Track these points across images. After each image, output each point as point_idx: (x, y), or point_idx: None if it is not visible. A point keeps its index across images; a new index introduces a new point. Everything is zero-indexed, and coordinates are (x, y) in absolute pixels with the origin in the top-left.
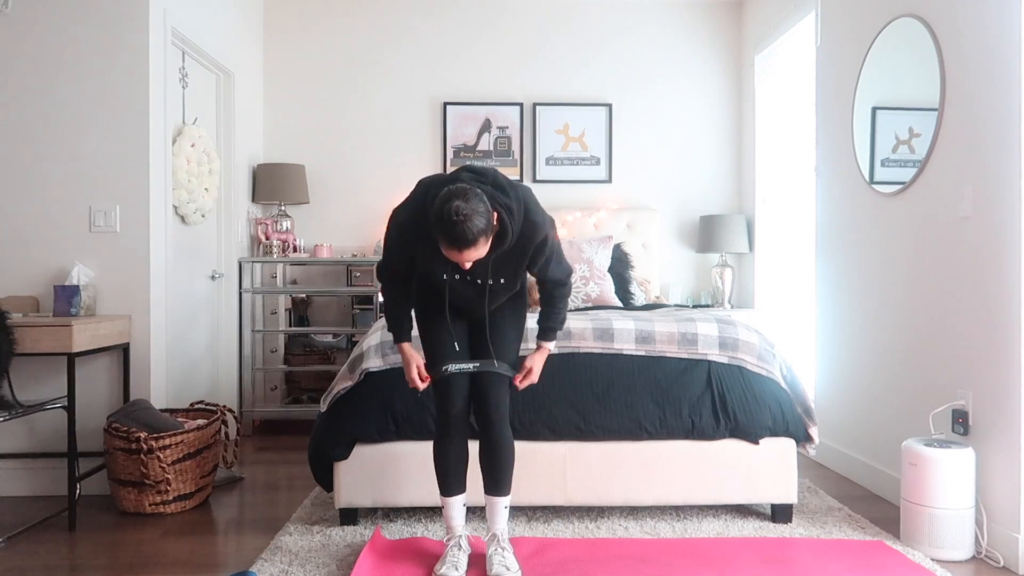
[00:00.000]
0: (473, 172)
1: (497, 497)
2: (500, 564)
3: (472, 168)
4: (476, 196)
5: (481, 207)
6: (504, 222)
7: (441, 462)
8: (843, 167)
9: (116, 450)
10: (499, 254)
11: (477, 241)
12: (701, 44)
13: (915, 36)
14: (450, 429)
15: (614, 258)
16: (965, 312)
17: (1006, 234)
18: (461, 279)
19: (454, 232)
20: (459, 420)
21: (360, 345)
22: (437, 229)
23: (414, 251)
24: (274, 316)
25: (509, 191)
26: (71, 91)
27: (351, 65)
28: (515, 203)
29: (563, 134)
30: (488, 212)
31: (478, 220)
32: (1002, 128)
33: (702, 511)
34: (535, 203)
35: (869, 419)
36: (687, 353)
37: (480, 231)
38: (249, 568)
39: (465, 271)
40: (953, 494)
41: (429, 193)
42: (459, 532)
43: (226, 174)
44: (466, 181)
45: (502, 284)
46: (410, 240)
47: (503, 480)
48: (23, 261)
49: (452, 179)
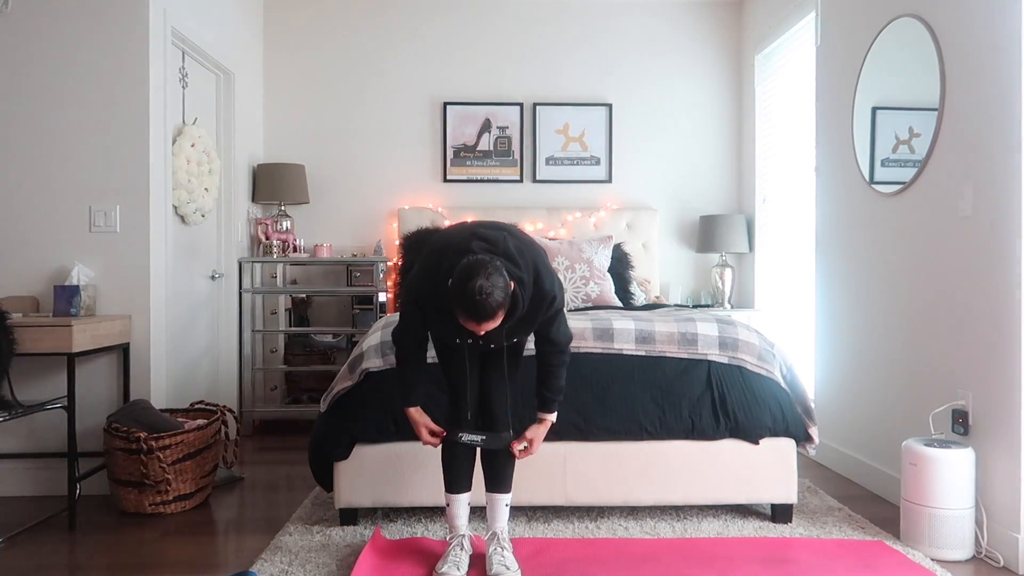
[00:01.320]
0: (485, 241)
1: (498, 495)
2: (500, 563)
3: (484, 236)
4: (496, 270)
5: (501, 282)
6: (516, 294)
7: (449, 459)
8: (843, 167)
9: (116, 450)
10: (510, 324)
11: (496, 314)
12: (701, 44)
13: (915, 36)
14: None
15: (614, 258)
16: (965, 312)
17: (1006, 234)
18: (473, 344)
19: (475, 310)
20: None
21: (360, 345)
22: (458, 304)
23: (431, 322)
24: (274, 316)
25: (519, 261)
26: (71, 91)
27: (351, 65)
28: (526, 273)
29: (563, 134)
30: (507, 286)
31: (498, 295)
32: (1002, 128)
33: (702, 511)
34: (545, 266)
35: (869, 419)
36: (687, 353)
37: (499, 305)
38: (249, 568)
39: (477, 339)
40: (953, 494)
41: (442, 265)
42: (462, 532)
43: (226, 174)
44: (479, 251)
45: (515, 343)
46: (428, 314)
47: (504, 478)
48: (23, 261)
49: (464, 248)
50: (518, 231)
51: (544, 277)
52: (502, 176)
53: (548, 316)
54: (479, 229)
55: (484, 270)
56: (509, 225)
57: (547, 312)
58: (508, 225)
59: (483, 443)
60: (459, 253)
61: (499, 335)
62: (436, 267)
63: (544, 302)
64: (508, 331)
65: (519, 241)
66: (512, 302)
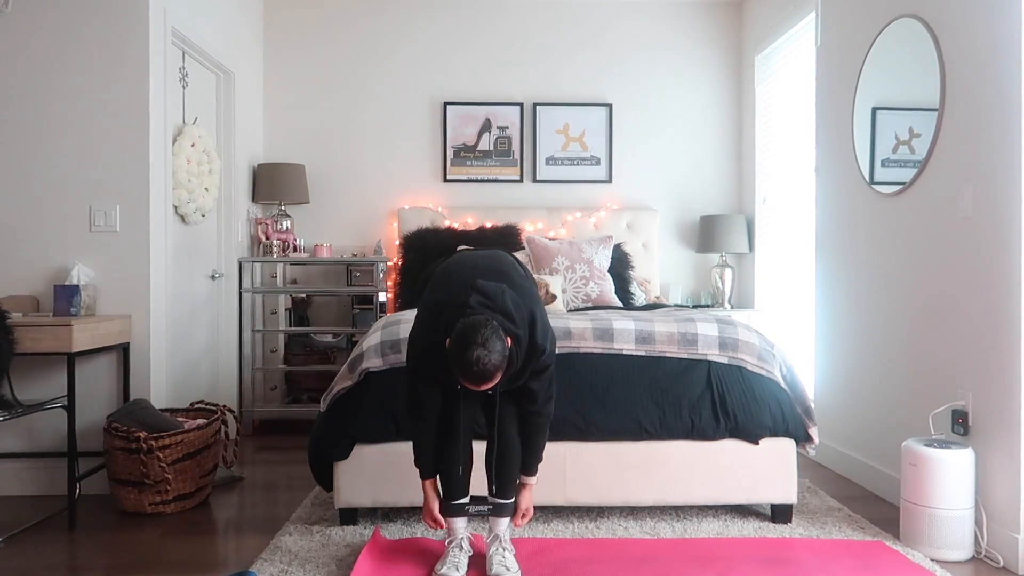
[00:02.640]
0: (484, 296)
1: (502, 501)
2: (500, 564)
3: (483, 291)
4: (493, 332)
5: (499, 345)
6: (512, 353)
7: (447, 465)
8: (843, 167)
9: (116, 450)
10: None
11: (494, 377)
12: (701, 44)
13: (915, 36)
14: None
15: (614, 258)
16: (965, 312)
17: (1006, 234)
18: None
19: (474, 377)
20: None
21: (360, 345)
22: (457, 368)
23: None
24: (274, 316)
25: (516, 317)
26: (71, 91)
27: (351, 65)
28: (521, 329)
29: (563, 134)
30: (504, 348)
31: (495, 359)
32: (1002, 128)
33: (702, 511)
34: (541, 317)
35: (869, 419)
36: (687, 353)
37: (497, 368)
38: (249, 568)
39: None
40: (953, 494)
41: (441, 320)
42: (460, 534)
43: (226, 174)
44: (476, 307)
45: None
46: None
47: (510, 481)
48: (23, 261)
49: (463, 303)
50: (518, 275)
51: (538, 330)
52: (502, 176)
53: (536, 368)
54: (478, 282)
55: (481, 335)
56: (509, 267)
57: (535, 363)
58: (508, 267)
59: (489, 512)
60: (458, 309)
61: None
62: (435, 321)
63: (535, 354)
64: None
65: (517, 292)
66: (508, 360)
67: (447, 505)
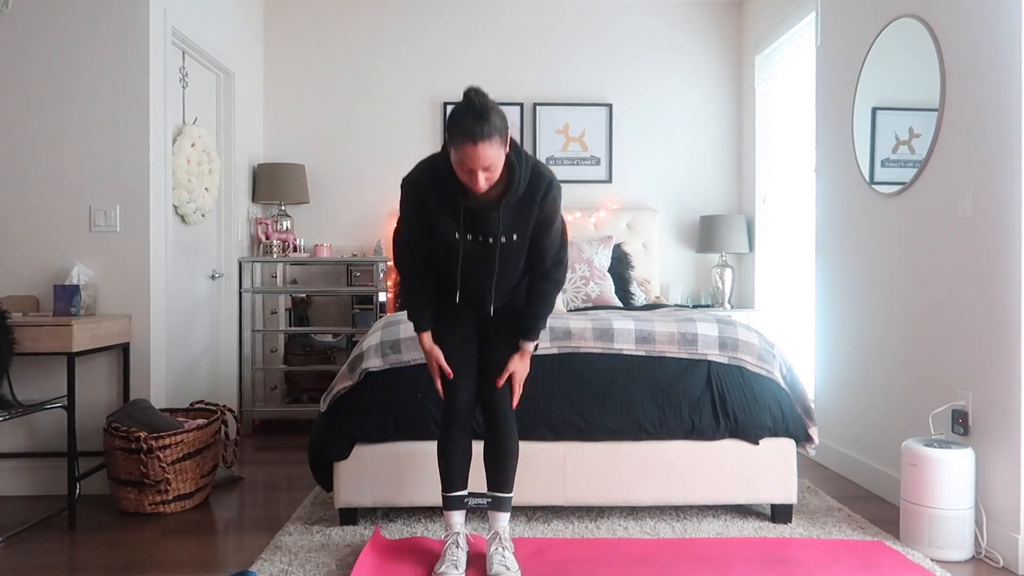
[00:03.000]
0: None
1: (501, 494)
2: (500, 563)
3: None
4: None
5: (498, 113)
6: (513, 165)
7: (446, 458)
8: (843, 167)
9: (116, 450)
10: (508, 205)
11: (492, 136)
12: (701, 44)
13: (915, 36)
14: (454, 427)
15: (614, 258)
16: (965, 312)
17: (1006, 234)
18: (473, 240)
19: (471, 118)
20: (464, 417)
21: (360, 345)
22: (453, 125)
23: (427, 206)
24: (274, 316)
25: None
26: (71, 91)
27: (351, 65)
28: (523, 155)
29: (563, 134)
30: (504, 121)
31: (495, 118)
32: (1002, 128)
33: (702, 511)
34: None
35: (869, 419)
36: (687, 353)
37: (495, 129)
38: (249, 568)
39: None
40: (953, 494)
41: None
42: (457, 530)
43: (226, 174)
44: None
45: (514, 241)
46: (423, 191)
47: (507, 476)
48: (23, 261)
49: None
50: None
51: (540, 165)
52: None
53: (545, 206)
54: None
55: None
56: None
57: (544, 195)
58: None
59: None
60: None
61: (495, 223)
62: (432, 155)
63: (542, 182)
64: (504, 219)
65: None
66: (510, 175)
67: (446, 498)
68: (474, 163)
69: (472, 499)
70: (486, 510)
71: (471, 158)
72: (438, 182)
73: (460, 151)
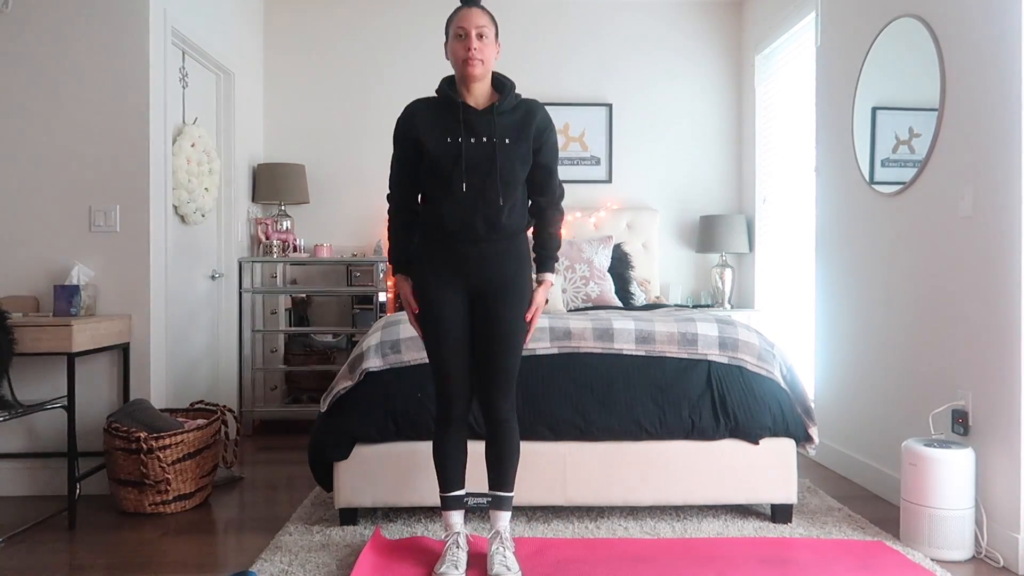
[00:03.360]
0: None
1: (501, 493)
2: (501, 563)
3: None
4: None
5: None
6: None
7: (441, 459)
8: (843, 167)
9: (116, 450)
10: (502, 111)
11: (485, 10)
12: (701, 44)
13: (915, 36)
14: (450, 428)
15: (614, 258)
16: (965, 312)
17: (1006, 234)
18: (476, 143)
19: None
20: (459, 418)
21: (360, 345)
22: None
23: (417, 137)
24: (274, 316)
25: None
26: (71, 91)
27: (351, 65)
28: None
29: (563, 134)
30: (497, 26)
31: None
32: (1002, 128)
33: (702, 511)
34: None
35: (869, 419)
36: (687, 353)
37: (486, 9)
38: (249, 568)
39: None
40: (953, 494)
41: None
42: (457, 530)
43: (226, 174)
44: None
45: (507, 145)
46: (414, 120)
47: (508, 475)
48: (23, 261)
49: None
50: None
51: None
52: None
53: (543, 132)
54: None
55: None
56: None
57: (541, 119)
58: None
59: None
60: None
61: (489, 123)
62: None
63: (536, 107)
64: (500, 124)
65: None
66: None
67: (443, 498)
68: (468, 23)
69: (471, 499)
70: (486, 510)
71: (466, 19)
72: (431, 104)
73: (456, 19)
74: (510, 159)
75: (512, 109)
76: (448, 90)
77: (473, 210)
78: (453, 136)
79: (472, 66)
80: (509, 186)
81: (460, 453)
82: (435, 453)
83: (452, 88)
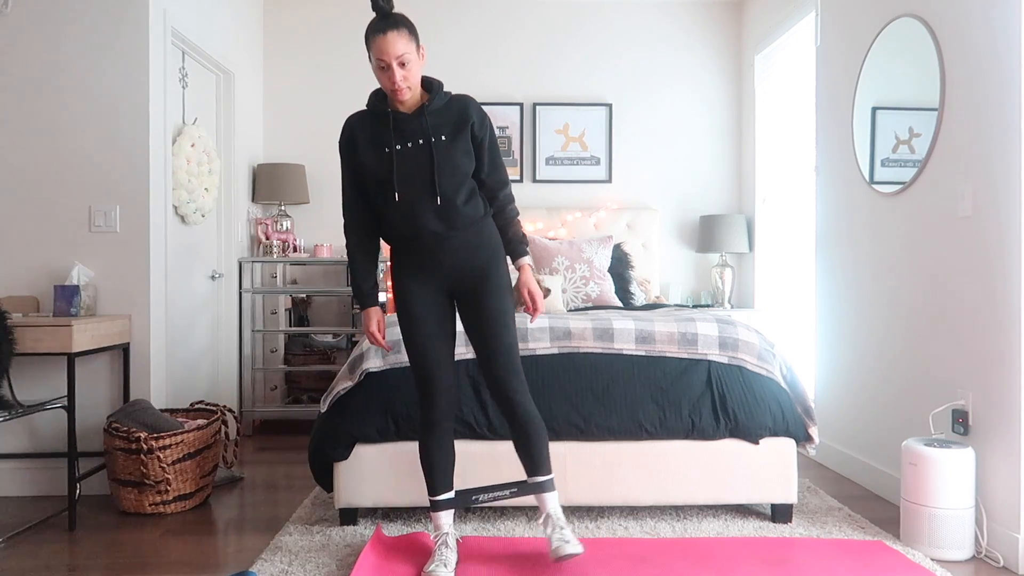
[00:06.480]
0: None
1: (540, 478)
2: (560, 539)
3: None
4: (402, 14)
5: (405, 17)
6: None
7: (427, 462)
8: (843, 167)
9: (116, 450)
10: (432, 111)
11: (400, 28)
12: (701, 44)
13: (915, 36)
14: (435, 430)
15: (614, 258)
16: (965, 312)
17: (1006, 234)
18: (403, 149)
19: (379, 18)
20: (444, 420)
21: (360, 345)
22: (367, 32)
23: (357, 153)
24: (274, 316)
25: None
26: (71, 91)
27: (351, 65)
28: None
29: (563, 134)
30: (413, 25)
31: (402, 17)
32: (1002, 128)
33: (702, 511)
34: None
35: (869, 419)
36: (687, 353)
37: (402, 24)
38: (249, 568)
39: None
40: (953, 494)
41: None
42: (446, 531)
43: (226, 174)
44: None
45: (443, 142)
46: (353, 137)
47: (542, 458)
48: (23, 261)
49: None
50: None
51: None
52: None
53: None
54: None
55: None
56: None
57: (475, 110)
58: None
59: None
60: None
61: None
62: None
63: (468, 103)
64: (433, 123)
65: None
66: (430, 84)
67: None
68: (387, 55)
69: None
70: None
71: (383, 50)
72: (366, 117)
73: (374, 48)
74: (449, 155)
75: (444, 107)
76: (377, 102)
77: (421, 212)
78: (391, 146)
79: (401, 94)
80: (455, 179)
81: (446, 456)
82: (421, 456)
83: (381, 99)
